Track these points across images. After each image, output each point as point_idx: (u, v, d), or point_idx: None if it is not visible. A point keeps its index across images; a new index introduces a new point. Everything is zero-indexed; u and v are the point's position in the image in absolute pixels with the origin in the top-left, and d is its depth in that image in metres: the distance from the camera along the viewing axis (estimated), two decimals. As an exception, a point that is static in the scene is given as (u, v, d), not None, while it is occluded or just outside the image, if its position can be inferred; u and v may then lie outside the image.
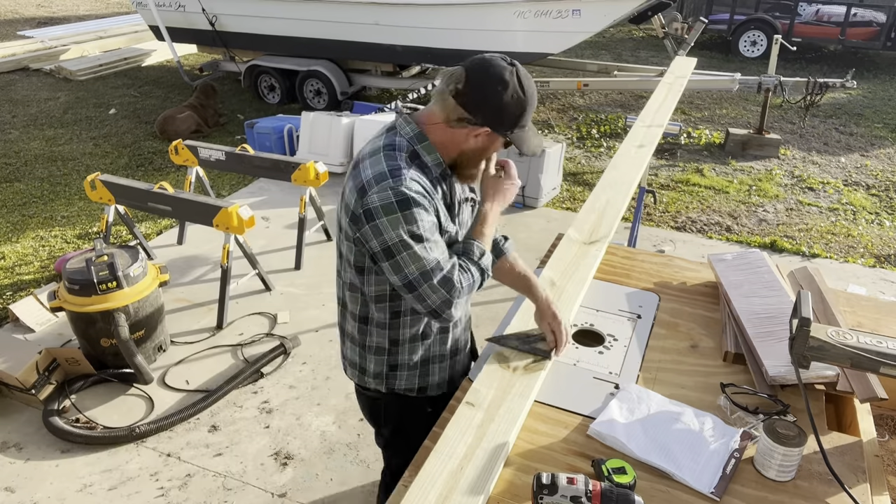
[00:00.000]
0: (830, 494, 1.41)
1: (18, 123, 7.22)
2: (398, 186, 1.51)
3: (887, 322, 2.06)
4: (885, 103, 8.40)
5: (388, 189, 1.51)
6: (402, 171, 1.54)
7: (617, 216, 2.54)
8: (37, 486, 2.73)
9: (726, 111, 7.97)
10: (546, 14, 6.17)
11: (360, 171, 1.58)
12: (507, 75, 1.53)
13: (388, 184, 1.52)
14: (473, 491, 1.34)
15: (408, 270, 1.53)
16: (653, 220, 5.15)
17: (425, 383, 1.83)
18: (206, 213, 3.72)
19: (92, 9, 14.53)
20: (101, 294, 3.12)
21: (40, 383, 3.09)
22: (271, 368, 3.42)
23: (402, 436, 1.93)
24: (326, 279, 4.25)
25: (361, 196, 1.54)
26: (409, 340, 1.75)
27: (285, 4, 7.16)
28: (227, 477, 2.77)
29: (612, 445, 1.54)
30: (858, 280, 4.36)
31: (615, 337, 1.96)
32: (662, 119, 3.65)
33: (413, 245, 1.52)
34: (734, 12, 10.82)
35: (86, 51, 9.95)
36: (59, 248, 4.62)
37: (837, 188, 5.81)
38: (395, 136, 1.63)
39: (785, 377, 1.66)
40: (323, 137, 5.89)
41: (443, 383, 1.85)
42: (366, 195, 1.53)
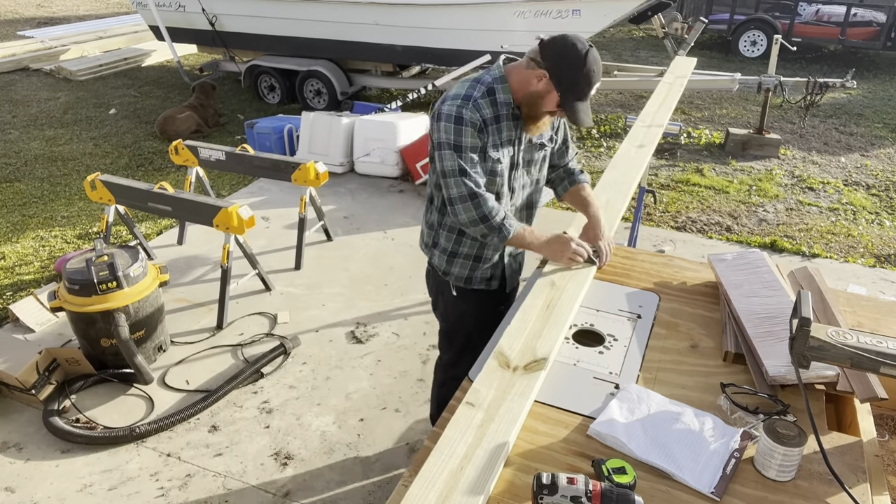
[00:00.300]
0: (830, 494, 1.41)
1: (18, 123, 7.23)
2: (460, 107, 2.03)
3: (887, 322, 2.06)
4: (885, 103, 8.40)
5: (455, 106, 2.03)
6: (470, 99, 2.04)
7: (617, 216, 2.54)
8: (37, 486, 2.73)
9: (726, 111, 7.97)
10: (546, 14, 6.17)
11: (450, 88, 2.13)
12: (581, 46, 1.95)
13: (457, 103, 2.04)
14: (473, 491, 1.34)
15: (441, 165, 2.06)
16: (653, 220, 5.15)
17: (450, 269, 2.33)
18: (206, 213, 3.72)
19: (92, 9, 14.53)
20: (101, 294, 3.12)
21: (40, 383, 3.09)
22: (271, 368, 3.42)
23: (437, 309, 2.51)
24: (326, 279, 4.25)
25: (441, 103, 2.08)
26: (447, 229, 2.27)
27: (285, 4, 7.16)
28: (227, 477, 2.77)
29: (612, 445, 1.54)
30: (858, 280, 4.36)
31: (615, 337, 1.96)
32: (662, 119, 3.65)
33: (451, 150, 2.04)
34: (734, 12, 10.82)
35: (86, 51, 9.95)
36: (59, 248, 4.62)
37: (837, 188, 5.81)
38: (486, 73, 2.12)
39: (785, 377, 1.66)
40: (323, 137, 5.89)
41: (461, 277, 2.33)
42: (442, 104, 2.07)
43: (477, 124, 2.03)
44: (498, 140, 2.09)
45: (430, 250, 2.37)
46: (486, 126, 2.05)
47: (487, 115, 2.05)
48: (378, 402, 3.21)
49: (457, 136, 2.02)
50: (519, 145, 2.16)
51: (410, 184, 5.71)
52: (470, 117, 2.02)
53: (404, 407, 3.18)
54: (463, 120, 2.01)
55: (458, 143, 2.03)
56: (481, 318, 2.35)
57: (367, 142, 5.80)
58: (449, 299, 2.39)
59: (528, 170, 2.27)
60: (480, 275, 2.33)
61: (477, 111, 2.03)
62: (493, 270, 2.35)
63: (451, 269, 2.32)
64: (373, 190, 5.62)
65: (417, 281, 4.24)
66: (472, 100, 2.03)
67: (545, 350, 1.77)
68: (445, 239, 2.29)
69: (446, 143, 2.04)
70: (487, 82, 2.07)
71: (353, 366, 3.46)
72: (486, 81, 2.08)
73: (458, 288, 2.35)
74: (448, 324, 2.50)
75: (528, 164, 2.26)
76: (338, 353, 3.56)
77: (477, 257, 2.29)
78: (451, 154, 2.04)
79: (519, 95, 2.07)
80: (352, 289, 4.15)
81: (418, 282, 4.23)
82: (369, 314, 3.90)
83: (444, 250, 2.30)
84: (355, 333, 3.71)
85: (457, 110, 2.02)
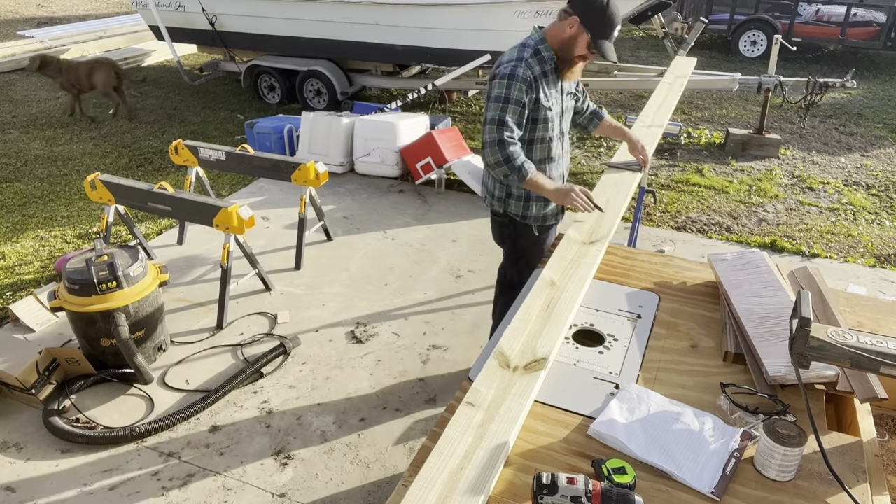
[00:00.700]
0: (830, 494, 1.41)
1: (18, 123, 7.23)
2: (514, 68, 2.46)
3: (887, 322, 2.06)
4: (885, 103, 8.40)
5: (510, 66, 2.47)
6: (522, 59, 2.48)
7: (617, 216, 2.54)
8: (37, 486, 2.73)
9: (726, 111, 7.97)
10: (546, 14, 6.16)
11: (504, 54, 2.56)
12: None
13: (512, 63, 2.47)
14: (473, 491, 1.34)
15: (486, 115, 2.49)
16: (653, 220, 5.15)
17: (528, 213, 2.74)
18: (206, 213, 3.72)
19: (92, 9, 14.53)
20: (101, 294, 3.12)
21: (40, 383, 3.09)
22: (271, 368, 3.42)
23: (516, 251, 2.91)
24: (326, 279, 4.25)
25: (497, 66, 2.52)
26: None
27: (285, 4, 7.16)
28: (227, 477, 2.77)
29: (612, 445, 1.54)
30: (858, 280, 4.36)
31: (615, 337, 1.96)
32: (662, 119, 3.65)
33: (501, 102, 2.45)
34: (734, 12, 10.83)
35: (86, 51, 9.95)
36: (59, 248, 4.62)
37: (837, 188, 5.81)
38: (529, 39, 2.55)
39: (785, 377, 1.66)
40: (323, 137, 5.89)
41: (538, 216, 2.76)
42: (499, 65, 2.52)
43: (528, 80, 2.46)
44: (547, 92, 2.55)
45: (503, 203, 2.76)
46: (535, 81, 2.49)
47: (537, 71, 2.49)
48: (378, 402, 3.21)
49: (507, 90, 2.44)
50: (563, 95, 2.65)
51: (410, 184, 5.71)
52: (522, 75, 2.45)
53: (404, 407, 3.18)
54: (516, 76, 2.44)
55: (507, 96, 2.44)
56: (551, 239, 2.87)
57: (367, 142, 5.80)
58: (532, 238, 2.82)
59: (566, 117, 2.75)
60: (551, 210, 2.79)
61: (529, 69, 2.47)
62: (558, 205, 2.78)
63: (528, 213, 2.74)
64: (373, 190, 5.62)
65: (417, 281, 4.24)
66: (524, 60, 2.47)
67: (545, 350, 1.77)
68: (517, 188, 2.67)
69: (495, 96, 2.46)
70: (532, 45, 2.52)
71: (353, 366, 3.46)
72: (531, 44, 2.52)
73: (539, 227, 2.81)
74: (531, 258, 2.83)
75: (568, 111, 2.75)
76: (338, 353, 3.56)
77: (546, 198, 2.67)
78: (496, 105, 2.45)
79: (556, 46, 2.51)
80: (352, 289, 4.15)
81: (418, 282, 4.23)
82: (369, 314, 3.90)
83: (518, 198, 2.72)
84: (355, 333, 3.71)
85: (512, 69, 2.45)
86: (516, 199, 2.72)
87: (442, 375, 3.39)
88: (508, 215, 2.78)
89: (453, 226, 4.98)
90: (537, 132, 2.60)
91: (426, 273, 4.34)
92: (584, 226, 2.45)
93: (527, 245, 2.86)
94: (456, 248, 4.64)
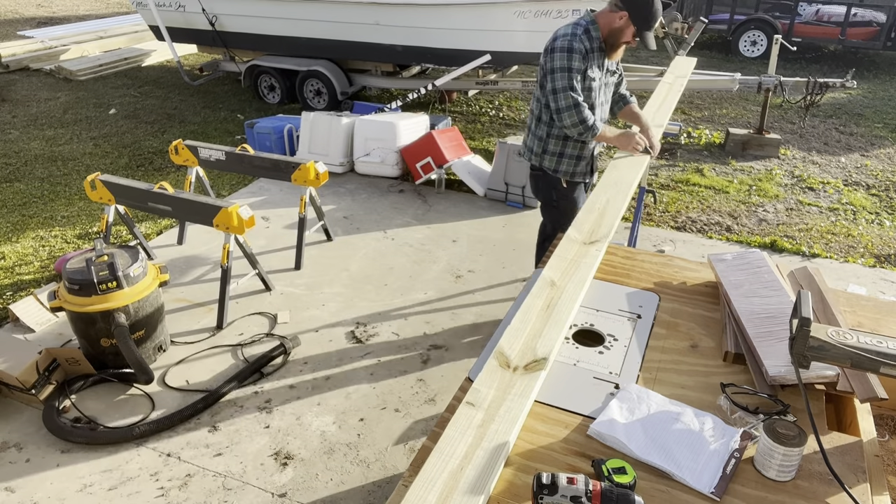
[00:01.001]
0: (830, 494, 1.41)
1: (18, 123, 7.23)
2: (571, 41, 2.92)
3: (887, 322, 2.06)
4: (885, 103, 8.40)
5: (566, 40, 2.93)
6: (576, 35, 2.94)
7: (617, 216, 2.54)
8: (37, 486, 2.73)
9: (726, 111, 7.97)
10: (546, 14, 6.16)
11: (558, 31, 3.01)
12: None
13: (567, 37, 2.93)
14: (474, 491, 1.34)
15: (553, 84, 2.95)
16: (653, 220, 5.15)
17: (559, 167, 3.23)
18: (206, 213, 3.72)
19: (92, 9, 14.53)
20: (101, 294, 3.12)
21: (40, 383, 3.09)
22: (271, 368, 3.42)
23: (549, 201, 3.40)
24: (326, 279, 4.25)
25: (553, 40, 2.98)
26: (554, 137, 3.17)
27: (285, 4, 7.16)
28: (227, 477, 2.77)
29: (612, 445, 1.54)
30: (858, 280, 4.36)
31: (615, 337, 1.96)
32: (662, 119, 3.65)
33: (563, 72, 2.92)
34: (734, 12, 10.82)
35: (86, 51, 9.95)
36: (59, 248, 4.62)
37: (837, 188, 5.81)
38: (581, 19, 3.01)
39: (785, 377, 1.66)
40: (323, 137, 5.89)
41: (567, 171, 3.24)
42: (555, 40, 2.97)
43: (583, 51, 2.92)
44: (594, 64, 3.01)
45: (539, 157, 3.23)
46: (587, 53, 2.95)
47: (588, 46, 2.95)
48: (378, 402, 3.21)
49: (569, 61, 2.90)
50: (604, 70, 3.09)
51: (410, 184, 5.71)
52: (578, 47, 2.91)
53: (404, 407, 3.18)
54: (574, 48, 2.90)
55: (570, 66, 2.90)
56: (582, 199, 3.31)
57: (367, 142, 5.80)
58: (561, 190, 3.29)
59: (607, 91, 3.22)
60: (580, 169, 3.25)
61: (583, 42, 2.93)
62: (586, 166, 3.27)
63: (559, 167, 3.22)
64: (373, 190, 5.62)
65: (417, 281, 4.24)
66: (578, 36, 2.92)
67: (545, 350, 1.77)
68: (554, 145, 3.18)
69: (559, 67, 2.91)
70: (584, 25, 2.97)
71: (353, 366, 3.46)
72: (583, 24, 2.97)
73: (567, 182, 3.26)
74: (561, 210, 3.34)
75: (607, 86, 3.21)
76: (338, 353, 3.56)
77: (578, 157, 3.20)
78: (563, 75, 2.91)
79: (605, 32, 2.98)
80: (352, 289, 4.15)
81: (418, 282, 4.23)
82: (369, 314, 3.90)
83: (553, 153, 3.19)
84: (355, 333, 3.71)
85: (568, 43, 2.90)
86: (550, 155, 3.19)
87: (442, 375, 3.39)
88: (542, 169, 3.26)
89: (453, 226, 4.98)
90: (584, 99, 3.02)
91: (426, 273, 4.34)
92: (584, 226, 2.45)
93: (557, 196, 3.32)
94: (456, 248, 4.65)
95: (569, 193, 3.30)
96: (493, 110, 7.85)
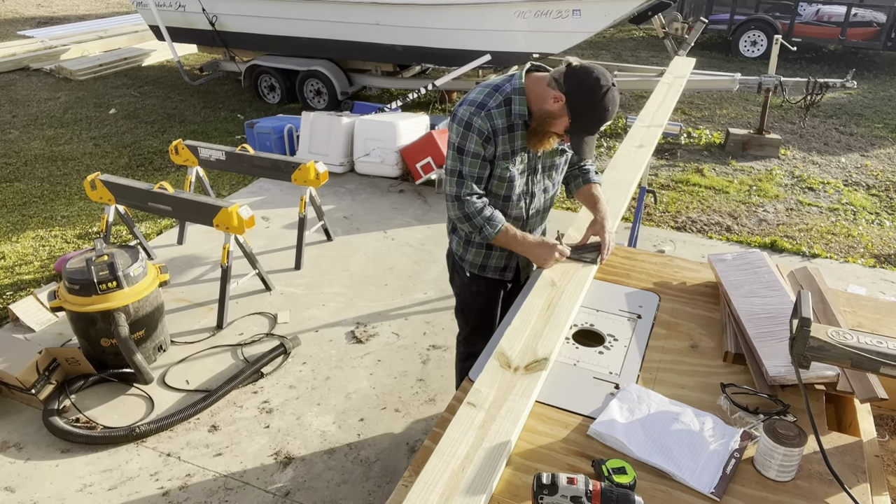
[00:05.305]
0: (830, 494, 1.41)
1: (18, 123, 7.23)
2: (472, 115, 2.12)
3: (887, 322, 2.06)
4: (885, 103, 8.40)
5: (468, 112, 2.13)
6: (484, 107, 2.12)
7: (617, 216, 2.54)
8: (37, 486, 2.73)
9: (726, 111, 7.97)
10: (546, 14, 6.17)
11: (471, 91, 2.22)
12: (603, 83, 1.99)
13: (471, 110, 2.13)
14: (475, 491, 1.34)
15: (445, 164, 2.24)
16: (653, 220, 5.15)
17: (465, 255, 2.47)
18: (206, 213, 3.72)
19: (92, 8, 14.53)
20: (101, 294, 3.12)
21: (40, 383, 3.09)
22: (271, 368, 3.42)
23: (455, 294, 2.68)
24: (326, 279, 4.25)
25: (459, 105, 2.19)
26: None
27: (285, 4, 7.16)
28: (227, 477, 2.77)
29: (612, 445, 1.54)
30: (858, 280, 4.36)
31: (615, 337, 1.96)
32: (662, 119, 3.65)
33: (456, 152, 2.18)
34: (734, 12, 10.83)
35: (86, 51, 9.95)
36: (59, 248, 4.62)
37: (837, 188, 5.81)
38: (507, 82, 2.16)
39: (785, 377, 1.66)
40: (323, 137, 5.89)
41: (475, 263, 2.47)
42: (459, 106, 2.18)
43: (485, 133, 2.12)
44: (510, 148, 2.18)
45: (450, 236, 2.54)
46: (495, 136, 2.14)
47: (499, 125, 2.13)
48: (378, 402, 3.21)
49: (462, 140, 2.15)
50: (516, 153, 2.21)
51: (410, 184, 5.71)
52: (479, 125, 2.11)
53: (404, 407, 3.18)
54: (472, 127, 2.12)
55: (462, 147, 2.16)
56: (492, 301, 2.58)
57: (367, 142, 5.80)
58: (464, 280, 2.56)
59: (549, 174, 2.36)
60: (494, 263, 2.47)
61: (489, 121, 2.11)
62: (506, 261, 2.47)
63: (465, 256, 2.48)
64: (373, 190, 5.62)
65: (417, 281, 4.24)
66: (486, 109, 2.12)
67: (546, 350, 1.77)
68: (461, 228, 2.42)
69: (453, 144, 2.19)
70: (506, 92, 2.14)
71: (353, 366, 3.46)
72: (505, 91, 2.14)
73: (472, 273, 2.52)
74: (463, 302, 2.66)
75: (550, 168, 2.34)
76: (338, 353, 3.56)
77: (489, 246, 2.41)
78: (454, 155, 2.19)
79: (533, 108, 2.12)
80: (352, 289, 4.15)
81: (418, 282, 4.23)
82: (369, 314, 3.90)
83: (460, 237, 2.47)
84: (355, 333, 3.71)
85: (469, 117, 2.12)
86: (457, 238, 2.48)
87: (442, 375, 3.39)
88: (451, 249, 2.56)
89: (453, 226, 4.98)
90: (493, 188, 2.27)
91: (426, 273, 4.34)
92: (584, 226, 2.44)
93: (460, 285, 2.59)
94: (456, 248, 4.64)
95: (473, 287, 2.54)
96: (493, 110, 7.84)
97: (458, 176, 2.19)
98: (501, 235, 2.22)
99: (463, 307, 2.67)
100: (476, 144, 2.13)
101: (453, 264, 2.59)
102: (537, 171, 2.30)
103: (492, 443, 1.46)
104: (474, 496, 1.33)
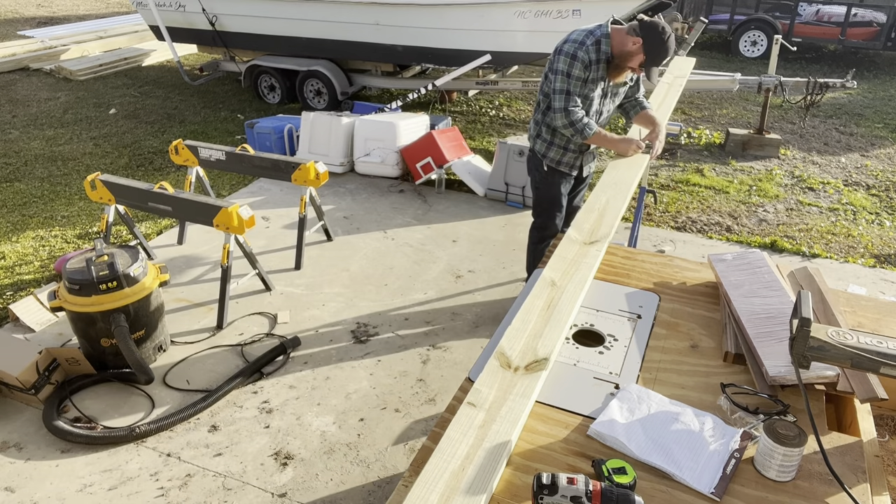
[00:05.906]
0: (830, 494, 1.41)
1: (18, 123, 7.23)
2: (576, 48, 3.03)
3: (887, 322, 2.06)
4: (885, 103, 8.40)
5: (573, 47, 3.03)
6: (584, 44, 3.03)
7: (617, 216, 2.54)
8: (37, 486, 2.73)
9: (726, 111, 7.97)
10: (546, 14, 6.16)
11: (571, 33, 3.11)
12: (666, 31, 2.91)
13: (575, 45, 3.03)
14: (475, 491, 1.34)
15: (553, 85, 3.10)
16: (653, 220, 5.15)
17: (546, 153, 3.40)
18: (206, 213, 3.72)
19: (92, 8, 14.53)
20: (101, 294, 3.12)
21: (40, 383, 3.09)
22: (271, 368, 3.42)
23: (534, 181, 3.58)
24: (326, 279, 4.25)
25: (563, 42, 3.09)
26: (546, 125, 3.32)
27: (285, 4, 7.16)
28: (227, 477, 2.77)
29: (612, 445, 1.54)
30: (858, 280, 4.36)
31: (615, 337, 1.96)
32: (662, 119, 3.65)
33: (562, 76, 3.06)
34: (734, 12, 10.83)
35: (86, 51, 9.95)
36: (59, 248, 4.62)
37: (837, 188, 5.81)
38: (597, 28, 3.06)
39: (785, 377, 1.66)
40: (323, 137, 5.89)
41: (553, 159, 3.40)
42: (565, 42, 3.08)
43: (586, 61, 3.02)
44: (596, 75, 3.08)
45: (533, 140, 3.43)
46: (590, 65, 3.03)
47: (593, 58, 3.03)
48: (378, 402, 3.21)
49: (569, 67, 3.03)
50: (609, 81, 3.16)
51: (410, 184, 5.71)
52: (582, 56, 3.01)
53: (404, 407, 3.18)
54: (577, 57, 3.01)
55: (569, 72, 3.04)
56: (560, 191, 3.49)
57: (367, 142, 5.80)
58: (542, 173, 3.45)
59: (613, 100, 3.32)
60: (566, 160, 3.39)
61: (587, 54, 3.01)
62: (573, 159, 3.40)
63: (547, 153, 3.38)
64: (373, 190, 5.62)
65: (417, 281, 4.24)
66: (585, 46, 3.02)
67: (546, 350, 1.77)
68: (546, 132, 3.34)
69: (560, 70, 3.05)
70: (597, 36, 3.03)
71: (353, 366, 3.46)
72: (597, 35, 3.03)
73: (549, 167, 3.41)
74: (539, 192, 3.55)
75: (614, 95, 3.30)
76: (338, 353, 3.56)
77: (565, 148, 3.35)
78: (563, 78, 3.05)
79: (615, 51, 3.02)
80: (352, 289, 4.15)
81: (418, 282, 4.23)
82: (369, 314, 3.90)
83: (544, 139, 3.36)
84: (355, 333, 3.71)
85: (574, 50, 3.01)
86: (542, 140, 3.38)
87: (442, 375, 3.39)
88: (533, 150, 3.45)
89: (453, 226, 4.98)
90: None
91: (426, 273, 4.34)
92: (584, 225, 2.45)
93: (539, 178, 3.50)
94: (456, 248, 4.65)
95: (549, 178, 3.44)
96: (493, 110, 7.85)
97: (566, 94, 3.05)
98: (596, 135, 3.13)
99: (539, 197, 3.55)
100: (579, 70, 3.01)
101: (535, 164, 3.47)
102: (607, 95, 3.23)
103: (492, 443, 1.46)
104: (474, 496, 1.33)
